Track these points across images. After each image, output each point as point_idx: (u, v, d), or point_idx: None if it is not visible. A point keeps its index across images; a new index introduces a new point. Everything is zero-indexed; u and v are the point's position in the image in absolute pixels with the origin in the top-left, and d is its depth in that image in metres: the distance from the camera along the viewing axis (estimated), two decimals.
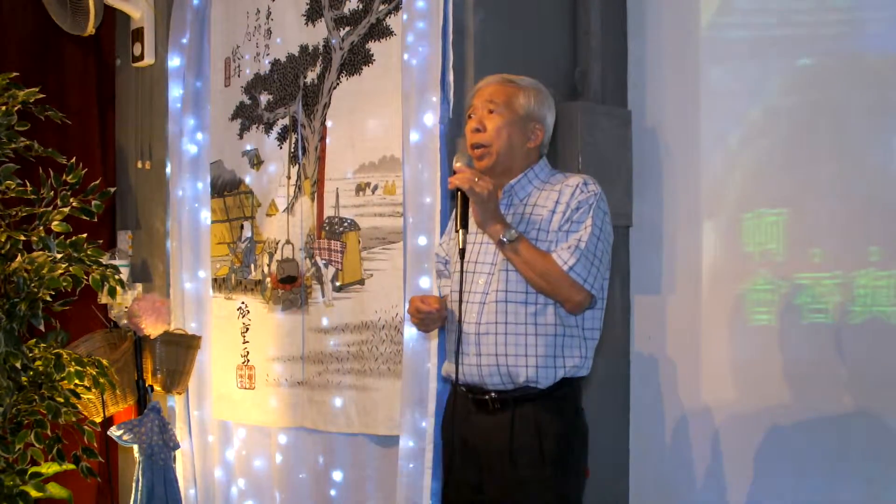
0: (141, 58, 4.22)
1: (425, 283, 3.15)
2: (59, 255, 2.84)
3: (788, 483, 3.20)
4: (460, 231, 2.48)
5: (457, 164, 2.52)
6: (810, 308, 3.19)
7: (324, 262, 3.54)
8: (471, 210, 2.47)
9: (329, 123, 3.53)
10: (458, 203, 2.50)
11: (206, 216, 4.02)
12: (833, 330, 3.14)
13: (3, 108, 2.89)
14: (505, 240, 2.43)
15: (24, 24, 4.23)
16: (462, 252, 2.50)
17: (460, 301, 2.53)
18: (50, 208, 2.92)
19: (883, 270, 3.04)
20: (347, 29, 3.47)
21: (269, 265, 3.75)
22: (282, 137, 3.72)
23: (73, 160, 2.97)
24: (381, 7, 3.37)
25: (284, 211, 3.69)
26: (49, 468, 3.03)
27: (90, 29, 3.93)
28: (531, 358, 2.47)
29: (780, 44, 3.29)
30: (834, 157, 3.17)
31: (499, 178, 2.56)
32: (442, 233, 2.99)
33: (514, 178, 2.59)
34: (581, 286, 2.43)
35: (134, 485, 3.64)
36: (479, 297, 2.53)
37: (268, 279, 3.75)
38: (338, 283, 3.48)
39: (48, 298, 2.83)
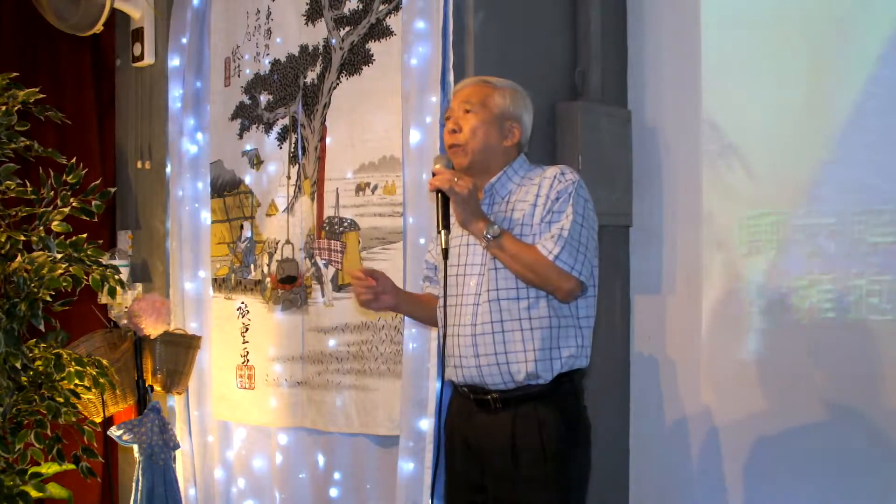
0: (141, 58, 4.21)
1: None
2: (59, 255, 2.83)
3: (788, 483, 3.20)
4: (442, 232, 2.49)
5: (436, 166, 2.53)
6: (810, 308, 3.19)
7: (324, 262, 3.54)
8: (452, 211, 2.47)
9: (329, 123, 3.53)
10: (438, 204, 2.50)
11: (206, 216, 4.02)
12: (832, 330, 3.14)
13: (3, 108, 2.89)
14: (489, 236, 2.43)
15: (16, 25, 4.21)
16: (445, 252, 2.50)
17: (444, 304, 2.54)
18: (50, 208, 2.91)
19: (882, 270, 3.04)
20: (347, 29, 3.47)
21: (268, 265, 3.75)
22: (282, 137, 3.72)
23: (73, 160, 2.97)
24: (381, 7, 3.37)
25: (284, 211, 3.69)
26: (49, 468, 3.03)
27: (98, 27, 3.92)
28: (529, 353, 2.47)
29: (780, 43, 3.29)
30: (834, 157, 3.16)
31: (478, 178, 2.56)
32: None
33: (493, 177, 2.59)
34: (569, 274, 2.42)
35: (134, 485, 3.64)
36: (472, 299, 2.53)
37: (268, 279, 3.75)
38: (338, 283, 3.48)
39: (48, 298, 2.83)
